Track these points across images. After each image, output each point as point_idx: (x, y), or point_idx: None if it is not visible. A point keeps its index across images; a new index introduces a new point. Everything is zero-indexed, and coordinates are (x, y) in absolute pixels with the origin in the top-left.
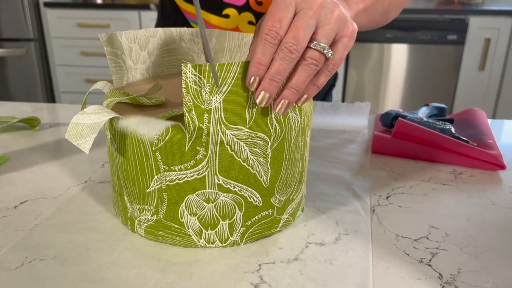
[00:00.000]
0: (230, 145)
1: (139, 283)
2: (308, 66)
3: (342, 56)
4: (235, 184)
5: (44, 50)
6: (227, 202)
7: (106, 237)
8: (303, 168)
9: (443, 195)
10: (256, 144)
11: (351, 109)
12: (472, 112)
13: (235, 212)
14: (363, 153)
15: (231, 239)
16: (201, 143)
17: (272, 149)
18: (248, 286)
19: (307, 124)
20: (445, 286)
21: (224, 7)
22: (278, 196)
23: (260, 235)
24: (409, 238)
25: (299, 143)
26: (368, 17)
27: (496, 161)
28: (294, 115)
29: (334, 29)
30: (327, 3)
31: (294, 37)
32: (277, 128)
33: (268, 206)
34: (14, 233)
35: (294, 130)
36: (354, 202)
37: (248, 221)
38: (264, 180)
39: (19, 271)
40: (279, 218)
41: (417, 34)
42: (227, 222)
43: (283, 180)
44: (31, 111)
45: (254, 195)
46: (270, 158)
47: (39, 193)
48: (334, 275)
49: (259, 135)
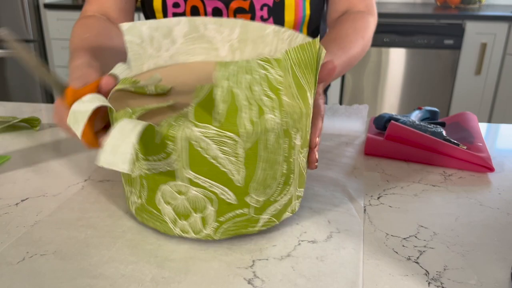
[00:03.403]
0: (197, 142)
1: (136, 278)
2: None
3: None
4: (205, 180)
5: (44, 52)
6: (198, 197)
7: (105, 233)
8: (290, 171)
9: (433, 196)
10: (225, 143)
11: (349, 112)
12: (463, 115)
13: (206, 206)
14: (358, 155)
15: (204, 232)
16: (169, 137)
17: (244, 149)
18: (241, 282)
19: (294, 126)
20: (431, 282)
21: None
22: (254, 196)
23: (235, 232)
24: (398, 236)
25: (281, 145)
26: (347, 69)
27: (485, 163)
28: (271, 116)
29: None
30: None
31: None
32: (249, 128)
33: (243, 205)
34: (16, 229)
35: (272, 131)
36: (347, 203)
37: (221, 217)
38: (237, 178)
39: (21, 265)
40: (257, 218)
41: (414, 39)
42: (199, 215)
43: (260, 181)
44: (31, 111)
45: (227, 192)
46: (244, 157)
47: (39, 191)
48: (325, 271)
49: (227, 134)
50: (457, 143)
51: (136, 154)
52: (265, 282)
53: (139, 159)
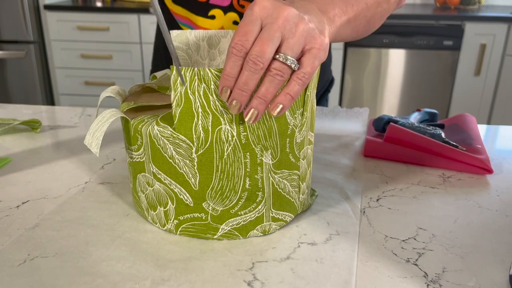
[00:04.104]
0: (156, 139)
1: (134, 277)
2: (273, 77)
3: (313, 66)
4: (166, 177)
5: (44, 53)
6: (160, 191)
7: (104, 233)
8: (255, 187)
9: (432, 198)
10: (179, 146)
11: (349, 114)
12: (462, 117)
13: (167, 202)
14: (357, 157)
15: (167, 226)
16: (138, 132)
17: (197, 154)
18: (241, 284)
19: (263, 144)
20: (430, 284)
21: (210, 8)
22: (211, 203)
23: (195, 234)
24: (397, 238)
25: (240, 159)
26: (352, 28)
27: (484, 165)
28: (228, 128)
29: (300, 42)
30: (291, 17)
31: (258, 50)
32: (202, 136)
33: (200, 210)
34: (17, 231)
35: (227, 143)
36: (346, 205)
37: (180, 216)
38: (193, 182)
39: (22, 267)
40: (215, 227)
41: (414, 40)
42: (162, 209)
43: (216, 190)
44: (32, 113)
45: (184, 193)
46: (197, 163)
47: (40, 194)
48: (325, 274)
49: (180, 137)
50: (456, 145)
51: (125, 142)
52: (265, 285)
53: (126, 148)
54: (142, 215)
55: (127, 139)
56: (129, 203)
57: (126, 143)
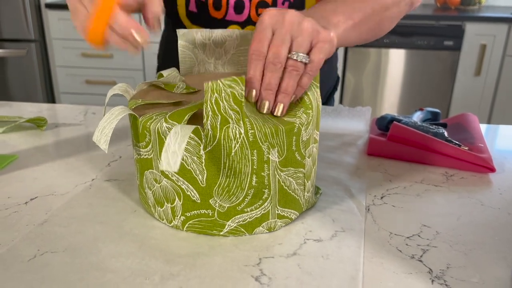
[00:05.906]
0: (164, 137)
1: (143, 272)
2: (290, 73)
3: (319, 59)
4: (173, 173)
5: (45, 51)
6: (168, 188)
7: (113, 229)
8: (261, 185)
9: (435, 196)
10: (187, 142)
11: (352, 113)
12: (464, 117)
13: (175, 199)
14: (360, 155)
15: (174, 222)
16: (147, 129)
17: (205, 151)
18: (249, 278)
19: (270, 142)
20: (435, 280)
21: (227, 25)
22: (218, 200)
23: (201, 230)
24: (402, 235)
25: (248, 156)
26: (359, 32)
27: (486, 164)
28: (235, 126)
29: (307, 39)
30: (294, 18)
31: (275, 52)
32: (210, 133)
33: (207, 206)
34: (26, 227)
35: (235, 140)
36: (350, 202)
37: (187, 213)
38: (200, 179)
39: (32, 263)
40: (222, 223)
41: (414, 40)
42: (169, 205)
43: (223, 186)
44: (37, 111)
45: (192, 190)
46: (205, 160)
47: (48, 190)
48: (330, 269)
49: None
50: (459, 144)
51: (132, 139)
52: (272, 280)
53: (133, 145)
54: (148, 211)
55: (135, 136)
56: (136, 200)
57: (134, 140)
